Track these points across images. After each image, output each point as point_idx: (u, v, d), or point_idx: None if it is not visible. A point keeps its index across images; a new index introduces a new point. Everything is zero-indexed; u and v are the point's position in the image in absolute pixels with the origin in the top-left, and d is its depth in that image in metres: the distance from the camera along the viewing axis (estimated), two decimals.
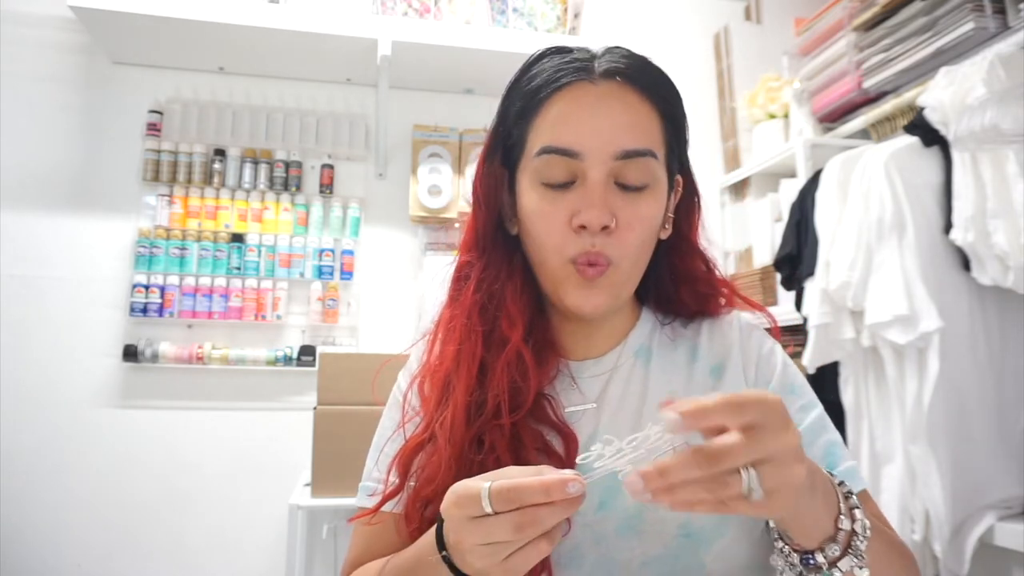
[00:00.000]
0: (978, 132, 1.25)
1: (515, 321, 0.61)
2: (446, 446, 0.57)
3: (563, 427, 0.60)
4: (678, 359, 0.66)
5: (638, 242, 0.60)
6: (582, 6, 2.05)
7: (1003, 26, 1.45)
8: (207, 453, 1.86)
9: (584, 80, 0.59)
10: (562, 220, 0.58)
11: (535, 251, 0.61)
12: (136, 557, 1.79)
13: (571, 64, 0.60)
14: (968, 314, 1.36)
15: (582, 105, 0.58)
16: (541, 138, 0.59)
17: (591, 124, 0.58)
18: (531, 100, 0.61)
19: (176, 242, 1.89)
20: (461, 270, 0.66)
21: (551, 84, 0.59)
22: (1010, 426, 1.35)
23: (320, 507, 1.57)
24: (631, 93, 0.59)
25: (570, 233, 0.58)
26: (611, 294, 0.60)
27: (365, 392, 1.55)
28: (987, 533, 1.26)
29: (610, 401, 0.63)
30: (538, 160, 0.59)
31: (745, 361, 0.65)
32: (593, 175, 0.57)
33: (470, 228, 0.66)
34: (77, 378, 1.82)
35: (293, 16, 1.79)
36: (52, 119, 1.91)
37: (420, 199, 2.03)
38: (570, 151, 0.57)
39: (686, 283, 0.68)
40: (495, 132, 0.65)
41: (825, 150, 1.80)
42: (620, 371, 0.65)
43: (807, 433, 0.61)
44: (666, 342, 0.67)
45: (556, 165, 0.58)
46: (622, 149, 0.57)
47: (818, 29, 1.96)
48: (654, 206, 0.60)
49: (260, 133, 2.01)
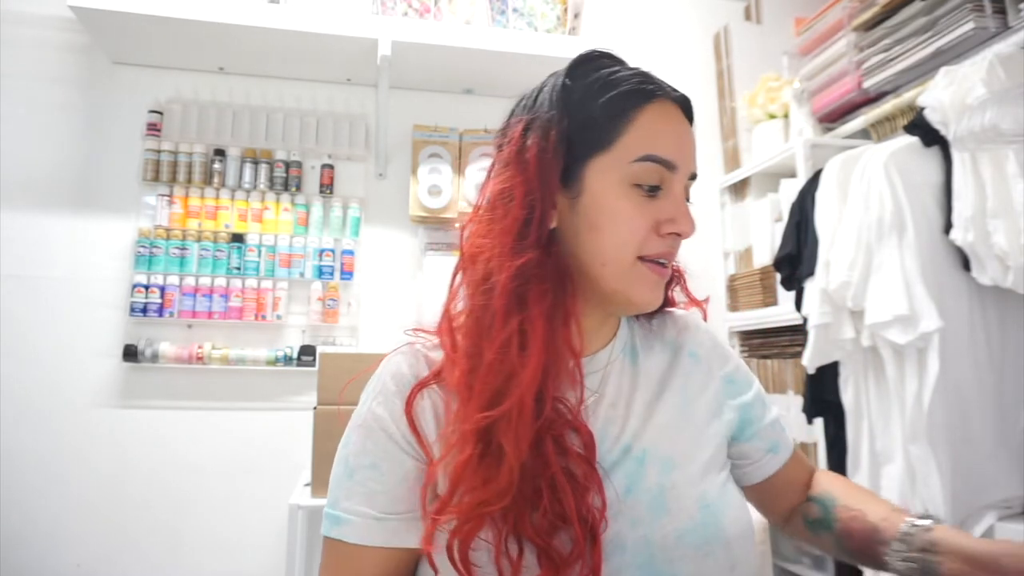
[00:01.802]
0: (978, 132, 1.25)
1: (567, 322, 0.59)
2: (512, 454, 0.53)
3: (580, 424, 0.59)
4: (660, 351, 0.72)
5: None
6: (582, 6, 2.05)
7: (1003, 26, 1.45)
8: (207, 453, 1.86)
9: (667, 98, 0.63)
10: (648, 223, 0.61)
11: (602, 248, 0.60)
12: (136, 556, 1.79)
13: (649, 78, 0.63)
14: (968, 314, 1.36)
15: (672, 121, 0.63)
16: (641, 144, 0.60)
17: (683, 140, 0.63)
18: (624, 103, 0.61)
19: (176, 242, 1.89)
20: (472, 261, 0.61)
21: (643, 92, 0.62)
22: (1010, 426, 1.35)
23: (320, 507, 1.56)
24: (687, 121, 0.65)
25: (652, 235, 0.61)
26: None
27: None
28: (987, 533, 1.26)
29: (609, 394, 0.66)
30: (637, 165, 0.60)
31: (711, 357, 0.74)
32: (678, 188, 0.62)
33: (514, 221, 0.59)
34: (77, 378, 1.82)
35: (293, 16, 1.79)
36: (52, 119, 1.91)
37: (420, 199, 2.03)
38: (671, 163, 0.61)
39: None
40: (559, 124, 0.60)
41: (825, 150, 1.80)
42: (613, 366, 0.68)
43: (757, 403, 0.74)
44: (645, 334, 0.73)
45: (653, 172, 0.61)
46: (693, 171, 0.64)
47: (818, 29, 1.96)
48: None
49: (260, 133, 2.01)
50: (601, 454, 0.60)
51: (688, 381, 0.70)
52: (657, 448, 0.63)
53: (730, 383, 0.72)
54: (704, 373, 0.71)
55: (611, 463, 0.61)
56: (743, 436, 0.71)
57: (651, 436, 0.64)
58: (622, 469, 0.61)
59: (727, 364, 0.74)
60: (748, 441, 0.72)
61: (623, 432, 0.63)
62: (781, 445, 0.74)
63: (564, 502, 0.54)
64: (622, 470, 0.61)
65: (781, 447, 0.74)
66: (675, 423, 0.65)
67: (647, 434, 0.64)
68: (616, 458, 0.62)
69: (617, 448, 0.62)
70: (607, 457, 0.61)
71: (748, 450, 0.72)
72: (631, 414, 0.65)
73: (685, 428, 0.66)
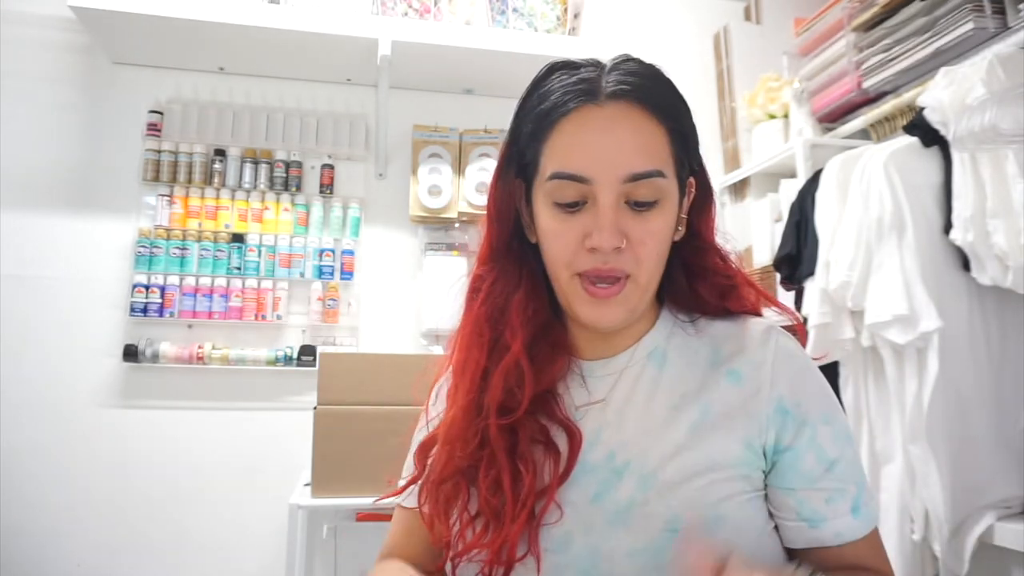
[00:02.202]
0: (978, 132, 1.25)
1: (517, 332, 0.65)
2: (445, 443, 0.65)
3: (568, 423, 0.63)
4: (697, 361, 0.66)
5: (653, 255, 0.62)
6: (582, 6, 2.05)
7: (1003, 26, 1.45)
8: (207, 453, 1.86)
9: (591, 104, 0.60)
10: (574, 239, 0.61)
11: (550, 265, 0.65)
12: (136, 556, 1.79)
13: (578, 86, 0.61)
14: (968, 314, 1.36)
15: (589, 130, 0.60)
16: (552, 162, 0.61)
17: (599, 149, 0.59)
18: (541, 123, 0.62)
19: (176, 242, 1.89)
20: (474, 282, 0.70)
21: (559, 108, 0.61)
22: (1010, 426, 1.35)
23: (320, 507, 1.57)
24: (638, 113, 0.60)
25: (582, 251, 0.60)
26: (627, 308, 0.62)
27: (365, 392, 1.55)
28: (987, 533, 1.26)
29: (617, 400, 0.65)
30: (550, 183, 0.61)
31: (773, 382, 0.63)
32: (603, 199, 0.59)
33: (485, 242, 0.69)
34: (77, 378, 1.82)
35: (293, 16, 1.79)
36: (52, 119, 1.91)
37: (420, 199, 2.03)
38: (580, 176, 0.59)
39: (702, 278, 0.69)
40: (508, 148, 0.67)
41: (825, 150, 1.80)
42: (630, 371, 0.66)
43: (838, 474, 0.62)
44: (689, 342, 0.67)
45: (567, 188, 0.60)
46: (630, 173, 0.59)
47: (818, 29, 1.96)
48: (665, 219, 0.62)
49: (260, 133, 2.01)
50: (587, 455, 0.62)
51: (715, 400, 0.62)
52: (643, 462, 0.60)
53: (781, 412, 0.62)
54: (744, 395, 0.62)
55: (590, 467, 0.62)
56: (779, 482, 0.62)
57: (641, 448, 0.61)
58: (596, 475, 0.61)
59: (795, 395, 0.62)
60: (785, 493, 0.61)
61: (612, 439, 0.63)
62: (827, 523, 0.60)
63: (501, 480, 0.61)
64: (596, 476, 0.61)
65: (824, 525, 0.60)
66: (679, 440, 0.61)
67: (638, 446, 0.61)
68: (596, 463, 0.62)
69: (601, 454, 0.62)
70: (589, 460, 0.62)
71: (781, 502, 0.62)
72: (630, 422, 0.63)
73: (690, 447, 0.60)
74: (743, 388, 0.63)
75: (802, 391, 0.63)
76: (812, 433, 0.62)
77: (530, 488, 0.60)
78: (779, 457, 0.61)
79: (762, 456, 0.61)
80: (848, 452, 0.63)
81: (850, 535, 0.61)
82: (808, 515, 0.61)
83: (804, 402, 0.63)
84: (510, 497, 0.60)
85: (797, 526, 0.61)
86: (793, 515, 0.61)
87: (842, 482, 0.61)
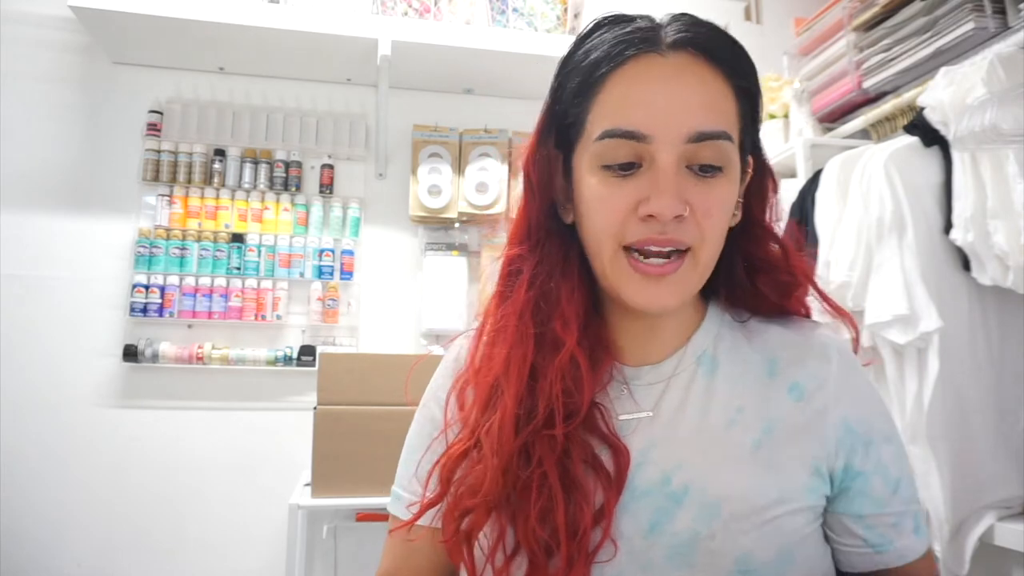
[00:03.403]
0: (978, 132, 1.25)
1: (570, 323, 0.56)
2: (492, 456, 0.53)
3: (614, 439, 0.54)
4: (751, 369, 0.59)
5: (717, 230, 0.54)
6: (582, 6, 2.05)
7: (1003, 26, 1.45)
8: (207, 453, 1.86)
9: (652, 52, 0.52)
10: (625, 207, 0.52)
11: (591, 241, 0.55)
12: (136, 556, 1.79)
13: (634, 35, 0.53)
14: (968, 314, 1.36)
15: (650, 80, 0.52)
16: (604, 120, 0.53)
17: (662, 103, 0.51)
18: (590, 76, 0.54)
19: (176, 242, 1.89)
20: (512, 263, 0.60)
21: (613, 58, 0.53)
22: (1010, 426, 1.35)
23: (320, 507, 1.57)
24: (705, 67, 0.53)
25: (633, 219, 0.52)
26: (683, 291, 0.54)
27: (365, 392, 1.55)
28: (987, 533, 1.26)
29: (666, 411, 0.57)
30: (599, 144, 0.53)
31: (839, 402, 0.57)
32: (663, 159, 0.51)
33: (521, 217, 0.60)
34: (77, 378, 1.82)
35: (293, 16, 1.79)
36: (52, 119, 1.91)
37: (420, 199, 2.03)
38: (638, 133, 0.51)
39: (764, 272, 0.61)
40: (549, 112, 0.59)
41: (825, 150, 1.80)
42: (679, 379, 0.58)
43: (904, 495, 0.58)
44: (739, 345, 0.60)
45: (620, 147, 0.52)
46: (696, 131, 0.51)
47: (818, 29, 1.96)
48: (729, 190, 0.54)
49: (260, 133, 2.01)
50: (635, 478, 0.54)
51: (778, 417, 0.56)
52: (705, 487, 0.52)
53: (850, 433, 0.56)
54: (809, 414, 0.56)
55: (642, 492, 0.53)
56: (846, 508, 0.57)
57: (701, 470, 0.53)
58: (651, 502, 0.53)
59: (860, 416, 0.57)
60: (853, 520, 0.57)
61: (665, 459, 0.54)
62: (892, 545, 0.57)
63: (555, 512, 0.51)
64: (651, 503, 0.53)
65: (890, 548, 0.57)
66: (743, 462, 0.54)
67: (696, 467, 0.53)
68: (649, 487, 0.53)
69: (655, 476, 0.54)
70: (639, 483, 0.53)
71: (845, 528, 0.57)
72: (684, 439, 0.55)
73: (756, 473, 0.53)
74: (808, 405, 0.56)
75: (866, 409, 0.58)
76: (877, 455, 0.57)
77: (587, 520, 0.50)
78: (848, 483, 0.56)
79: (828, 482, 0.56)
80: (907, 469, 0.59)
81: (912, 555, 0.58)
82: (876, 541, 0.56)
83: (868, 421, 0.57)
84: (564, 530, 0.50)
85: (863, 552, 0.57)
86: (860, 542, 0.57)
87: (907, 503, 0.57)
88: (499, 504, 0.53)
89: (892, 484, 0.57)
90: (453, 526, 0.54)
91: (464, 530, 0.54)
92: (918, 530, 0.58)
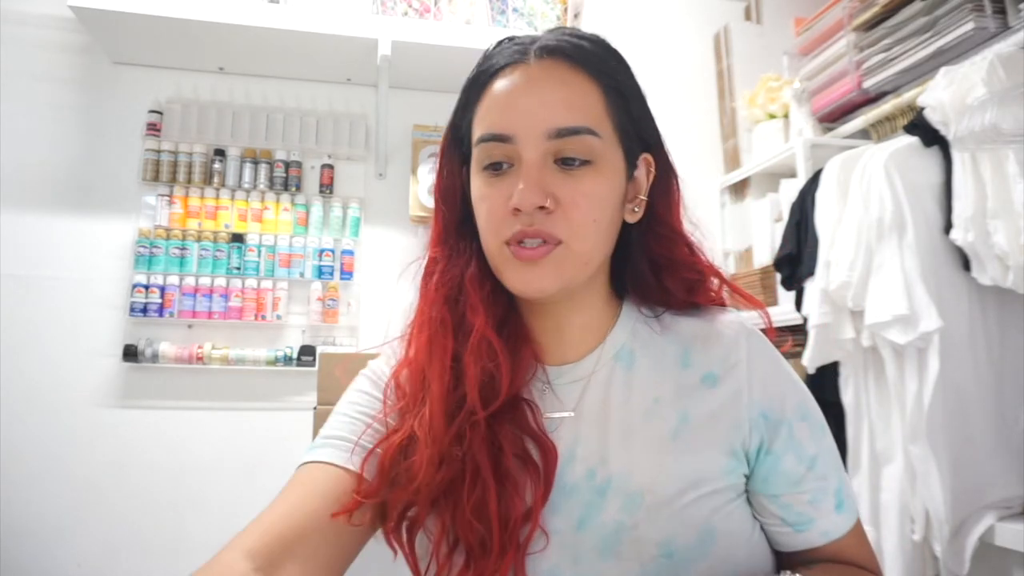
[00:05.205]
0: (978, 132, 1.25)
1: (477, 308, 0.59)
2: (426, 447, 0.55)
3: (541, 436, 0.57)
4: (666, 361, 0.61)
5: (588, 221, 0.56)
6: (582, 6, 2.05)
7: (1003, 26, 1.45)
8: (207, 453, 1.86)
9: (521, 62, 0.58)
10: (500, 204, 0.56)
11: (482, 237, 0.60)
12: (136, 556, 1.78)
13: (511, 49, 0.59)
14: (968, 314, 1.36)
15: (514, 88, 0.57)
16: (480, 126, 0.59)
17: (523, 105, 0.56)
18: (471, 90, 0.61)
19: (176, 242, 1.89)
20: (428, 267, 0.66)
21: (488, 72, 0.59)
22: (1010, 426, 1.35)
23: None
24: (565, 69, 0.57)
25: (508, 216, 0.56)
26: (558, 275, 0.56)
27: None
28: (987, 533, 1.26)
29: (588, 409, 0.59)
30: (479, 149, 0.59)
31: (751, 384, 0.59)
32: (527, 156, 0.55)
33: (435, 225, 0.66)
34: (77, 378, 1.82)
35: (293, 16, 1.79)
36: (52, 119, 1.90)
37: (420, 199, 2.03)
38: (502, 135, 0.56)
39: (668, 270, 0.64)
40: (449, 127, 0.65)
41: (825, 150, 1.80)
42: (598, 376, 0.61)
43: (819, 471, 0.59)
44: (654, 339, 0.63)
45: (493, 150, 0.57)
46: (555, 127, 0.55)
47: (818, 29, 1.96)
48: (600, 183, 0.57)
49: (260, 133, 2.01)
50: (564, 475, 0.56)
51: (693, 405, 0.58)
52: (627, 478, 0.55)
53: (762, 414, 0.59)
54: (723, 399, 0.59)
55: (570, 488, 0.56)
56: (761, 488, 0.59)
57: (623, 463, 0.56)
58: (579, 497, 0.56)
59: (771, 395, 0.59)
60: (768, 499, 0.59)
61: (591, 454, 0.57)
62: (813, 524, 0.59)
63: (488, 503, 0.53)
64: (579, 498, 0.56)
65: (811, 527, 0.59)
66: (661, 452, 0.56)
67: (619, 460, 0.56)
68: (576, 483, 0.56)
69: (580, 472, 0.57)
70: (568, 480, 0.56)
71: (764, 508, 0.60)
72: (606, 435, 0.58)
73: (674, 460, 0.56)
74: (721, 392, 0.59)
75: (778, 389, 0.60)
76: (789, 432, 0.59)
77: (518, 513, 0.53)
78: (760, 461, 0.58)
79: (745, 462, 0.58)
80: (825, 444, 0.61)
81: (836, 533, 0.59)
82: (794, 520, 0.59)
83: (781, 400, 0.59)
84: (496, 523, 0.52)
85: (783, 531, 0.59)
86: (778, 521, 0.59)
87: (823, 478, 0.59)
88: (437, 497, 0.55)
89: (807, 461, 0.59)
90: (397, 515, 0.56)
91: (411, 518, 0.56)
92: (840, 507, 0.59)
